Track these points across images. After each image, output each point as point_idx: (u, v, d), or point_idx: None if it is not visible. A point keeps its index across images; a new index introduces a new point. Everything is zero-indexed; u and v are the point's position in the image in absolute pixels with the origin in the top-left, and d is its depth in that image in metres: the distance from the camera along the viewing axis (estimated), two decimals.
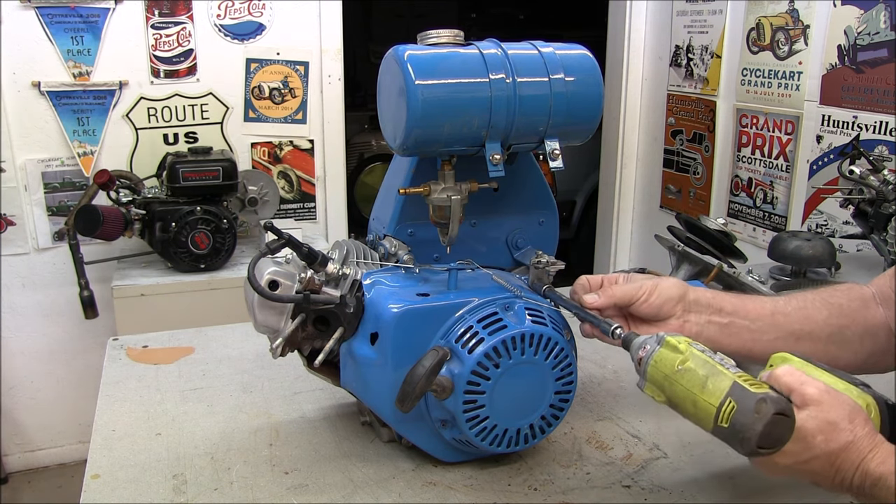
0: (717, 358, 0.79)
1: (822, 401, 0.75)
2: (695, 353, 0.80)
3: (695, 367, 0.79)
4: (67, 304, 2.71)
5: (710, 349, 0.82)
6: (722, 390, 0.75)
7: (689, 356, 0.80)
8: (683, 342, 0.82)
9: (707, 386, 0.77)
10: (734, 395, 0.74)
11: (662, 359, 0.82)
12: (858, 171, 1.94)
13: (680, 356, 0.81)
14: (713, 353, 0.81)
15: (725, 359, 0.80)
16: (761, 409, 0.71)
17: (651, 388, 0.84)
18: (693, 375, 0.78)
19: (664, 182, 3.33)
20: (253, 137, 2.85)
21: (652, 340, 0.85)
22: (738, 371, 0.77)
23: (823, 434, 0.74)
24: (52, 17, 2.51)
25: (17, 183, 2.60)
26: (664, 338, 0.83)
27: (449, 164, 1.02)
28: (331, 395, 1.25)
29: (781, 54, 2.60)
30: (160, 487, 1.01)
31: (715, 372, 0.77)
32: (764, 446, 0.72)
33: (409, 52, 0.96)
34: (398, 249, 1.08)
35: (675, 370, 0.80)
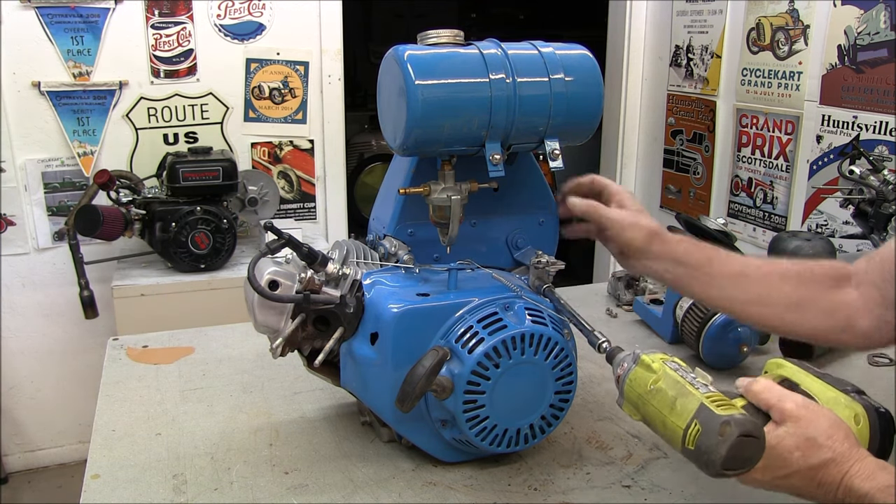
0: (689, 376, 0.79)
1: (800, 416, 0.75)
2: (667, 372, 0.80)
3: (665, 387, 0.79)
4: (67, 304, 2.71)
5: (686, 366, 0.82)
6: (689, 412, 0.75)
7: (662, 376, 0.80)
8: (657, 361, 0.82)
9: (675, 407, 0.77)
10: (700, 418, 0.74)
11: (637, 378, 0.82)
12: (858, 171, 1.94)
13: (653, 376, 0.81)
14: (687, 371, 0.80)
15: (700, 377, 0.79)
16: (725, 431, 0.71)
17: (628, 406, 0.84)
18: (663, 396, 0.78)
19: (664, 182, 3.33)
20: (253, 137, 2.85)
21: (629, 359, 0.85)
22: (709, 391, 0.76)
23: (801, 451, 0.74)
24: (52, 17, 2.51)
25: (17, 183, 2.60)
26: (640, 356, 0.84)
27: (449, 164, 1.02)
28: (331, 395, 1.25)
29: (781, 54, 2.60)
30: (160, 487, 1.01)
31: (684, 392, 0.77)
32: (731, 468, 0.72)
33: (409, 52, 0.96)
34: (398, 249, 1.08)
35: (648, 390, 0.80)
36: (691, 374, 0.80)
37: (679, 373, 0.80)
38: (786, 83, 2.59)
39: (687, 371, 0.81)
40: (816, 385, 0.82)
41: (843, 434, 0.75)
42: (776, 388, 0.78)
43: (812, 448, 0.74)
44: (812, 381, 0.83)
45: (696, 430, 0.73)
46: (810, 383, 0.82)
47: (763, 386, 0.79)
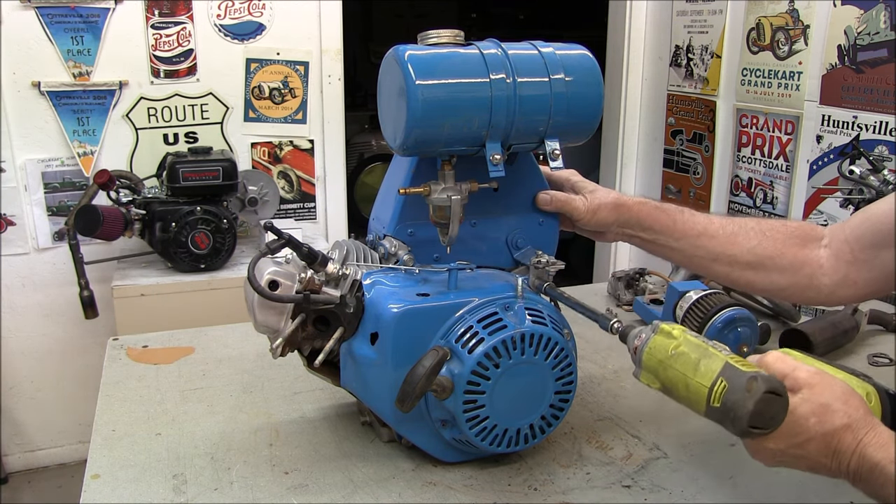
0: (710, 343, 0.80)
1: (814, 383, 0.76)
2: (688, 338, 0.81)
3: (688, 350, 0.80)
4: (67, 304, 2.71)
5: (704, 337, 0.83)
6: (714, 371, 0.75)
7: (683, 341, 0.81)
8: (677, 329, 0.83)
9: (699, 368, 0.77)
10: (725, 375, 0.74)
11: (657, 345, 0.83)
12: (858, 171, 1.94)
13: (674, 342, 0.82)
14: (706, 339, 0.82)
15: (718, 344, 0.80)
16: (752, 386, 0.71)
17: (646, 375, 0.85)
18: (686, 358, 0.79)
19: (664, 182, 3.33)
20: (253, 137, 2.85)
21: (647, 330, 0.86)
22: (731, 354, 0.78)
23: (816, 416, 0.74)
24: (52, 17, 2.51)
25: (17, 183, 2.60)
26: (659, 325, 0.85)
27: (449, 164, 1.02)
28: (331, 395, 1.25)
29: (781, 54, 2.60)
30: (160, 487, 1.01)
31: (707, 354, 0.78)
32: (756, 426, 0.72)
33: (410, 52, 0.96)
34: (398, 249, 1.08)
35: (669, 355, 0.81)
36: (711, 342, 0.81)
37: (699, 338, 0.81)
38: (786, 83, 2.59)
39: (706, 339, 0.82)
40: (826, 368, 0.82)
41: (857, 401, 0.76)
42: (789, 359, 0.79)
43: (827, 413, 0.74)
44: (822, 365, 0.83)
45: (723, 387, 0.74)
46: (820, 366, 0.83)
47: (776, 357, 0.79)
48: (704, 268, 1.12)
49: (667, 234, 1.10)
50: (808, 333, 1.40)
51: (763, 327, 1.43)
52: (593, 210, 1.10)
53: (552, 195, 1.12)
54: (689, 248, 1.09)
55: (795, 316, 1.58)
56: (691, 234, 1.09)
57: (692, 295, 1.44)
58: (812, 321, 1.49)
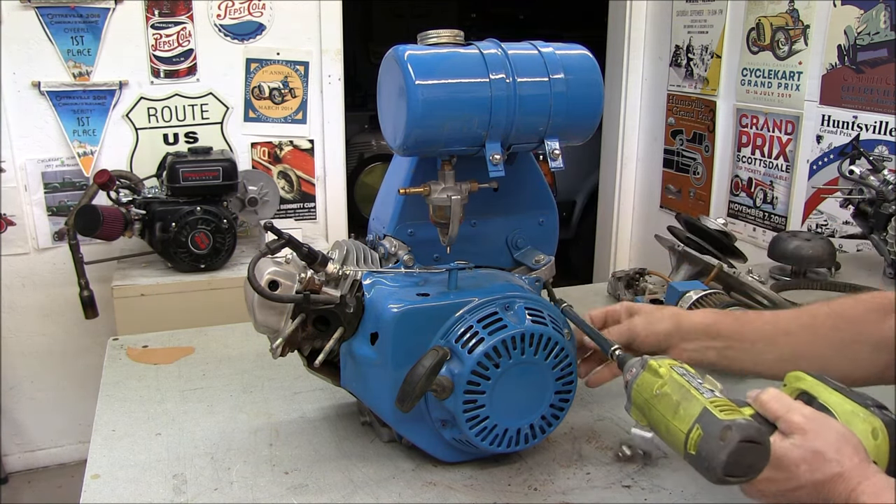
0: (696, 382, 0.77)
1: (807, 429, 0.73)
2: (674, 377, 0.79)
3: (670, 391, 0.78)
4: (67, 304, 2.71)
5: (695, 373, 0.80)
6: (691, 416, 0.74)
7: (668, 381, 0.79)
8: (665, 366, 0.81)
9: (678, 411, 0.75)
10: (702, 422, 0.72)
11: (643, 383, 0.82)
12: (858, 171, 1.94)
13: (658, 381, 0.80)
14: (695, 377, 0.79)
15: (708, 383, 0.77)
16: (726, 436, 0.69)
17: (635, 411, 0.84)
18: (667, 401, 0.77)
19: (664, 182, 3.33)
20: (253, 137, 2.85)
21: (637, 364, 0.84)
22: (714, 397, 0.75)
23: (808, 464, 0.72)
24: (52, 17, 2.51)
25: (17, 183, 2.60)
26: (647, 361, 0.83)
27: (449, 164, 1.02)
28: (331, 395, 1.25)
29: (781, 54, 2.60)
30: (160, 487, 1.01)
31: (687, 397, 0.76)
32: (733, 474, 0.70)
33: (409, 52, 0.96)
34: (398, 249, 1.08)
35: (653, 394, 0.79)
36: (698, 380, 0.78)
37: (686, 378, 0.79)
38: (786, 83, 2.59)
39: (694, 377, 0.79)
40: (834, 398, 0.80)
41: (851, 448, 0.73)
42: (784, 399, 0.76)
43: (819, 462, 0.72)
44: (830, 395, 0.81)
45: (698, 435, 0.72)
46: (828, 396, 0.80)
47: (771, 396, 0.77)
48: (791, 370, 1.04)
49: (738, 337, 1.01)
50: None
51: None
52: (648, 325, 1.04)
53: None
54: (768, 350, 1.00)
55: None
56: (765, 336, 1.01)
57: (692, 295, 1.44)
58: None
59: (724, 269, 1.56)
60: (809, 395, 0.83)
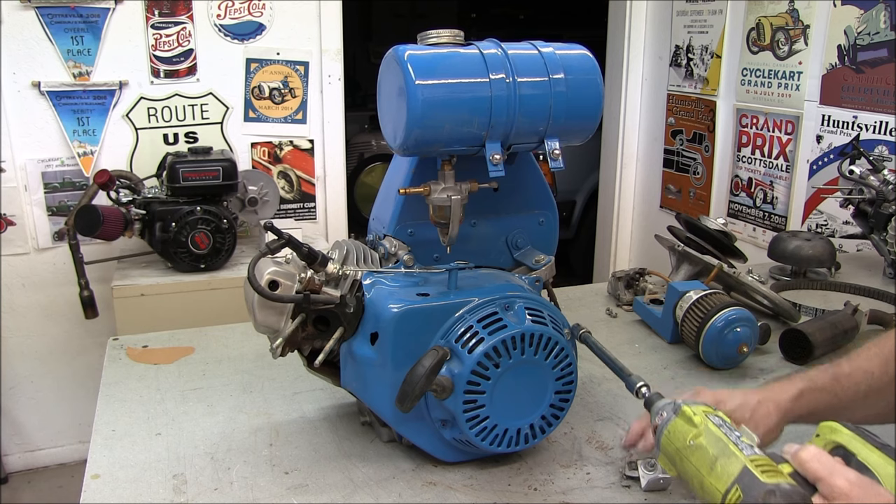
0: (734, 435, 0.73)
1: (850, 495, 0.68)
2: (710, 427, 0.74)
3: (706, 444, 0.73)
4: (67, 304, 2.71)
5: (731, 423, 0.76)
6: (730, 475, 0.69)
7: (703, 431, 0.74)
8: (700, 413, 0.76)
9: (715, 468, 0.71)
10: (742, 483, 0.68)
11: (675, 430, 0.77)
12: (858, 171, 1.94)
13: (693, 430, 0.75)
14: (731, 429, 0.74)
15: (745, 436, 0.73)
16: (769, 500, 0.65)
17: (663, 459, 0.78)
18: (703, 454, 0.73)
19: (664, 182, 3.33)
20: (253, 137, 2.85)
21: (669, 408, 0.79)
22: (755, 453, 0.71)
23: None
24: (52, 17, 2.51)
25: (17, 183, 2.60)
26: (680, 407, 0.78)
27: (449, 164, 1.02)
28: (331, 395, 1.25)
29: (781, 54, 2.60)
30: (160, 487, 1.01)
31: (726, 452, 0.71)
32: None
33: (409, 52, 0.96)
34: (398, 249, 1.08)
35: (687, 444, 0.75)
36: (735, 433, 0.74)
37: (723, 429, 0.74)
38: (786, 83, 2.59)
39: (731, 428, 0.75)
40: (875, 457, 0.74)
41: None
42: (826, 459, 0.71)
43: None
44: (870, 453, 0.75)
45: (737, 496, 0.68)
46: (867, 454, 0.75)
47: (812, 455, 0.71)
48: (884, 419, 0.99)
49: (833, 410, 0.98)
50: (807, 333, 1.40)
51: (763, 327, 1.42)
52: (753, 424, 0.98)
53: None
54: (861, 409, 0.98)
55: (795, 316, 1.58)
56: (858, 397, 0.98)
57: (692, 295, 1.44)
58: (812, 321, 1.49)
59: (724, 269, 1.56)
60: (847, 451, 0.78)
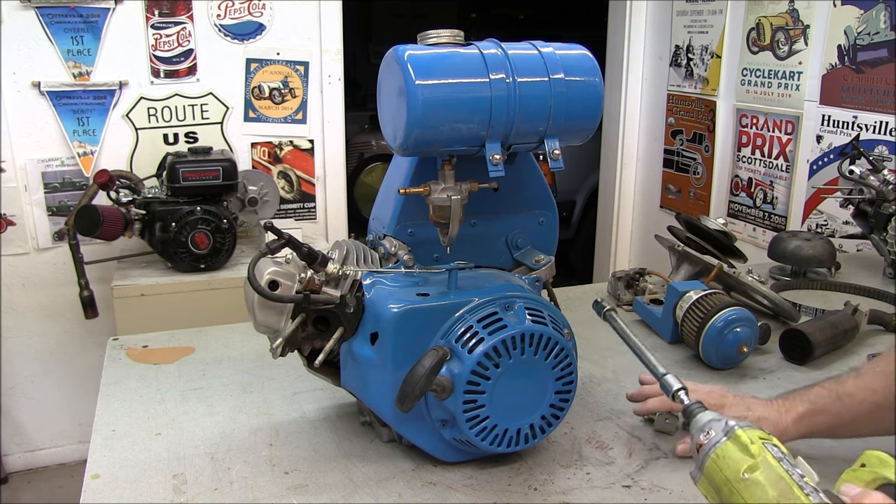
0: (795, 473, 0.66)
1: None
2: (769, 460, 0.67)
3: (765, 481, 0.66)
4: (67, 304, 2.71)
5: (790, 456, 0.69)
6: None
7: (761, 463, 0.67)
8: (757, 442, 0.69)
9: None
10: None
11: (727, 456, 0.69)
12: (858, 171, 1.95)
13: (749, 461, 0.67)
14: (793, 465, 0.67)
15: (806, 473, 0.67)
16: None
17: (705, 485, 0.71)
18: (761, 491, 0.65)
19: (664, 182, 3.33)
20: (253, 137, 2.85)
21: (719, 426, 0.71)
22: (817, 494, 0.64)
23: None
24: (52, 17, 2.51)
25: (17, 183, 2.60)
26: (734, 430, 0.70)
27: (449, 164, 1.02)
28: (331, 395, 1.25)
29: (781, 54, 2.60)
30: (160, 487, 1.01)
31: (789, 494, 0.64)
32: None
33: (409, 52, 0.96)
34: (398, 249, 1.08)
35: (741, 477, 0.67)
36: (797, 471, 0.67)
37: (783, 464, 0.67)
38: (786, 83, 2.59)
39: (793, 464, 0.68)
40: None
41: None
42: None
43: None
44: None
45: None
46: None
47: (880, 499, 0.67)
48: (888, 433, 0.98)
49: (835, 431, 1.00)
50: (807, 333, 1.40)
51: (763, 327, 1.42)
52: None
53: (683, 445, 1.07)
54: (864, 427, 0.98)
55: (795, 316, 1.58)
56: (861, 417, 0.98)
57: (692, 295, 1.44)
58: (812, 321, 1.49)
59: (724, 269, 1.56)
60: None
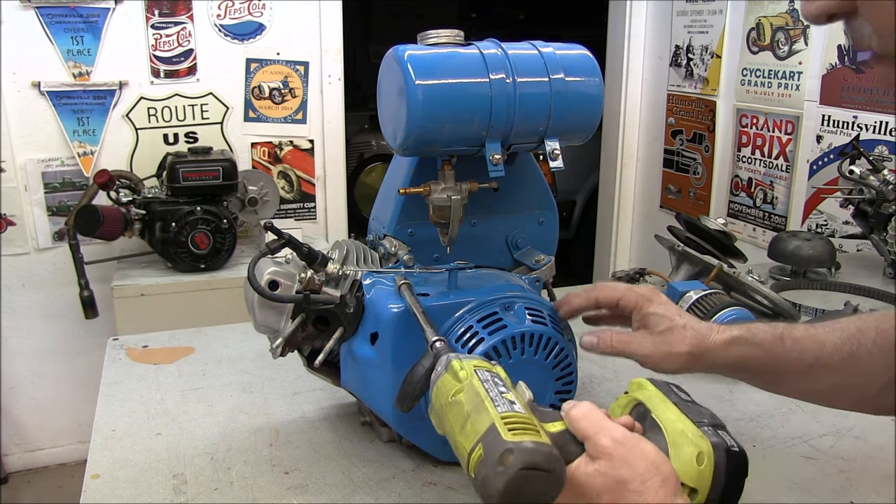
0: (495, 391, 0.66)
1: (614, 455, 0.65)
2: (473, 383, 0.68)
3: (464, 400, 0.67)
4: (67, 304, 2.71)
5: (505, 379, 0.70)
6: (477, 433, 0.63)
7: (466, 387, 0.68)
8: (468, 368, 0.70)
9: (466, 426, 0.65)
10: (485, 441, 0.61)
11: (443, 386, 0.71)
12: (858, 171, 1.94)
13: (457, 385, 0.69)
14: (499, 384, 0.68)
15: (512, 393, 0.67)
16: (506, 460, 0.59)
17: (433, 415, 0.72)
18: (459, 411, 0.66)
19: (664, 182, 3.33)
20: (253, 137, 2.85)
21: (442, 363, 0.73)
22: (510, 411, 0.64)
23: (609, 493, 0.65)
24: (52, 17, 2.51)
25: (17, 183, 2.60)
26: (451, 361, 0.72)
27: (449, 164, 1.02)
28: (331, 395, 1.25)
29: (781, 54, 2.60)
30: (160, 487, 1.01)
31: (479, 408, 0.64)
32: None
33: (409, 52, 0.95)
34: (398, 249, 1.08)
35: (448, 401, 0.69)
36: (501, 388, 0.67)
37: (486, 385, 0.67)
38: (786, 83, 2.59)
39: (499, 384, 0.68)
40: (669, 414, 0.72)
41: (660, 479, 0.65)
42: (595, 417, 0.67)
43: (621, 492, 0.64)
44: (665, 410, 0.72)
45: (478, 456, 0.61)
46: (662, 412, 0.72)
47: (582, 413, 0.68)
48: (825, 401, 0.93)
49: (768, 373, 0.91)
50: None
51: None
52: (659, 359, 0.92)
53: (601, 339, 0.96)
54: (800, 381, 0.90)
55: (796, 316, 1.58)
56: (799, 367, 0.89)
57: (692, 295, 1.44)
58: (812, 321, 1.49)
59: (724, 269, 1.56)
60: (644, 408, 0.76)
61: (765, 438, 1.13)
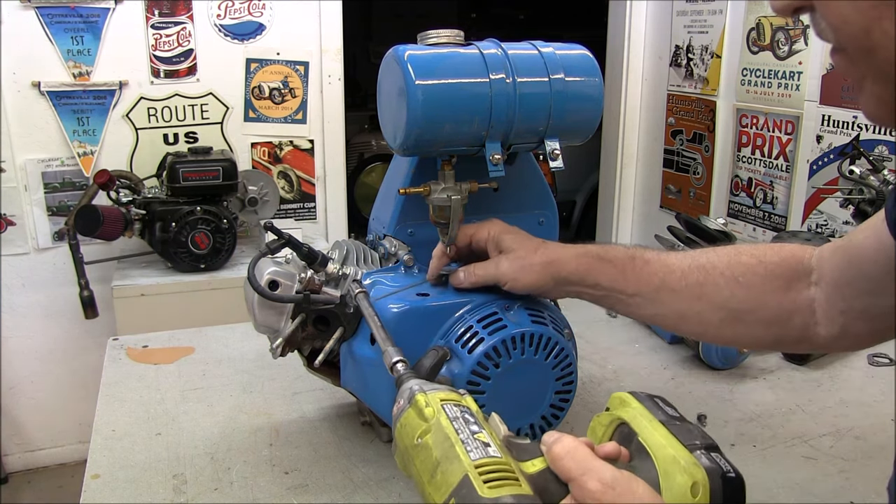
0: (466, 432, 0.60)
1: (602, 500, 0.58)
2: (440, 422, 0.61)
3: (432, 444, 0.60)
4: (67, 304, 2.71)
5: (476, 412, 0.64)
6: (449, 485, 0.57)
7: (433, 426, 0.61)
8: (434, 403, 0.63)
9: (436, 475, 0.58)
10: (458, 496, 0.56)
11: (407, 425, 0.64)
12: (858, 171, 1.94)
13: (423, 425, 0.62)
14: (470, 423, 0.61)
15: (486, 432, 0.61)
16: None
17: (398, 456, 0.65)
18: (427, 455, 0.60)
19: (664, 182, 3.33)
20: (253, 137, 2.85)
21: (406, 395, 0.66)
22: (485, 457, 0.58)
23: None
24: (52, 17, 2.51)
25: (17, 183, 2.60)
26: (415, 395, 0.65)
27: (449, 164, 1.02)
28: (331, 395, 1.25)
29: (781, 54, 2.60)
30: (160, 487, 1.01)
31: (450, 456, 0.58)
32: None
33: (409, 52, 0.95)
34: (398, 249, 1.08)
35: (414, 443, 0.62)
36: (473, 427, 0.61)
37: (455, 424, 0.61)
38: (786, 83, 2.60)
39: (470, 422, 0.61)
40: (657, 438, 0.65)
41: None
42: (581, 455, 0.60)
43: None
44: (653, 432, 0.66)
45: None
46: (650, 435, 0.66)
47: (566, 450, 0.60)
48: (672, 327, 0.94)
49: (617, 289, 0.92)
50: None
51: None
52: (516, 273, 0.94)
53: (467, 272, 0.98)
54: (648, 305, 0.91)
55: None
56: (647, 289, 0.90)
57: None
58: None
59: None
60: (629, 429, 0.68)
61: (765, 438, 1.13)
